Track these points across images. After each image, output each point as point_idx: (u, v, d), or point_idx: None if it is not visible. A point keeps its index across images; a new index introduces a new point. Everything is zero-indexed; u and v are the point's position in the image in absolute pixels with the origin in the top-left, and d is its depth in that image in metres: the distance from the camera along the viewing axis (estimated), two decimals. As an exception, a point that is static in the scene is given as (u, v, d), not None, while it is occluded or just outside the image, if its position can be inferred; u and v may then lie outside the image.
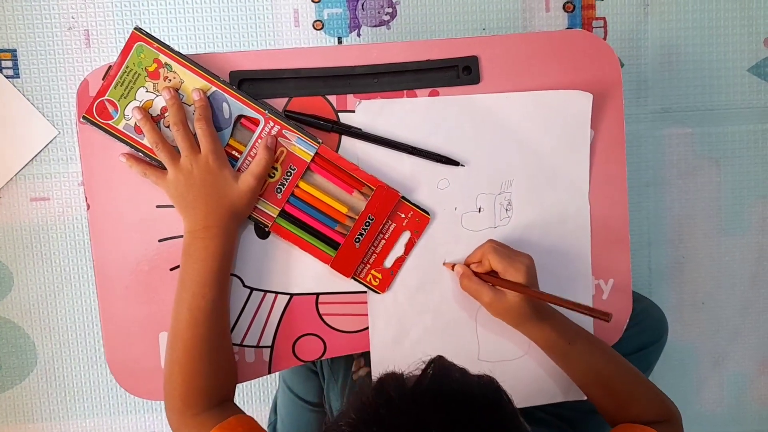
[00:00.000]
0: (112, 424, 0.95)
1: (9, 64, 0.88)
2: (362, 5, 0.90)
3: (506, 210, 0.62)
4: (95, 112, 0.57)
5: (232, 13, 0.89)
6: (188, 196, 0.56)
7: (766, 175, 0.97)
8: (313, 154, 0.58)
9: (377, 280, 0.61)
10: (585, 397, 0.61)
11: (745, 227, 0.97)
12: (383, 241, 0.61)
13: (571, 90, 0.61)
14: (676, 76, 0.94)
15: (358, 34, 0.91)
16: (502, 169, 0.62)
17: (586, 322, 0.62)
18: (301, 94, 0.60)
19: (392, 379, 0.38)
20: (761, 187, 0.97)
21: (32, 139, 0.89)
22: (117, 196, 0.60)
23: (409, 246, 0.61)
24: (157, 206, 0.60)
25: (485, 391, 0.37)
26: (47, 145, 0.89)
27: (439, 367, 0.38)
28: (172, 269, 0.61)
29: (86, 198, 0.60)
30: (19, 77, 0.88)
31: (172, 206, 0.59)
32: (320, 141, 0.58)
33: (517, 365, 0.64)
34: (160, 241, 0.61)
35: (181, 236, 0.58)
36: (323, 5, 0.90)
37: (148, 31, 0.58)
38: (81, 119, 0.57)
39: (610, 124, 0.63)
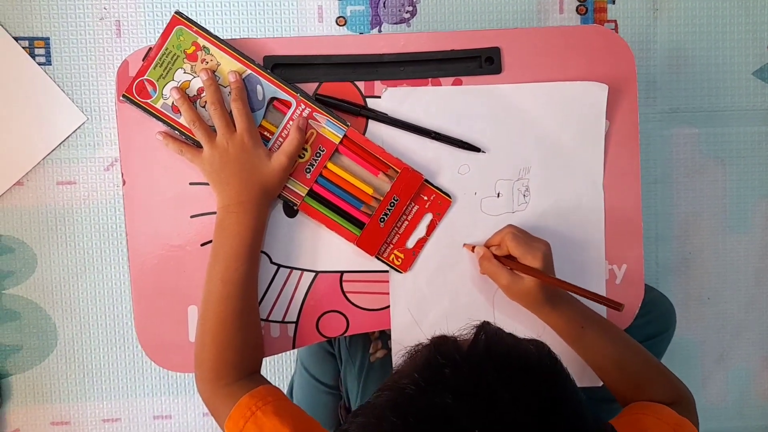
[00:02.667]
0: (129, 406, 0.97)
1: (42, 51, 0.91)
2: (384, 3, 0.93)
3: (524, 196, 0.65)
4: (135, 91, 0.60)
5: (258, 8, 0.92)
6: (223, 172, 0.58)
7: (770, 175, 1.00)
8: (341, 137, 0.61)
9: (400, 259, 0.64)
10: (600, 383, 0.62)
11: (749, 225, 1.00)
12: (406, 222, 0.63)
13: (588, 81, 0.64)
14: (684, 78, 0.97)
15: (379, 31, 0.94)
16: (521, 157, 0.64)
17: (600, 307, 0.64)
18: (331, 79, 0.63)
19: (448, 342, 0.38)
20: (765, 187, 1.00)
21: (61, 125, 0.91)
22: (152, 173, 0.62)
23: (431, 228, 0.64)
24: (191, 183, 0.63)
25: (540, 354, 0.38)
26: (75, 130, 0.92)
27: (489, 331, 0.39)
28: (202, 245, 0.63)
29: (122, 174, 0.62)
30: (51, 64, 0.91)
31: (204, 184, 0.61)
32: (348, 124, 0.61)
33: (532, 346, 0.66)
34: (192, 217, 0.63)
35: (213, 213, 0.60)
36: (346, 2, 0.94)
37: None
38: (121, 98, 0.60)
39: (624, 116, 0.66)
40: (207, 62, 0.60)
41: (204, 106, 0.60)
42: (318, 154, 0.61)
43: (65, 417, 0.96)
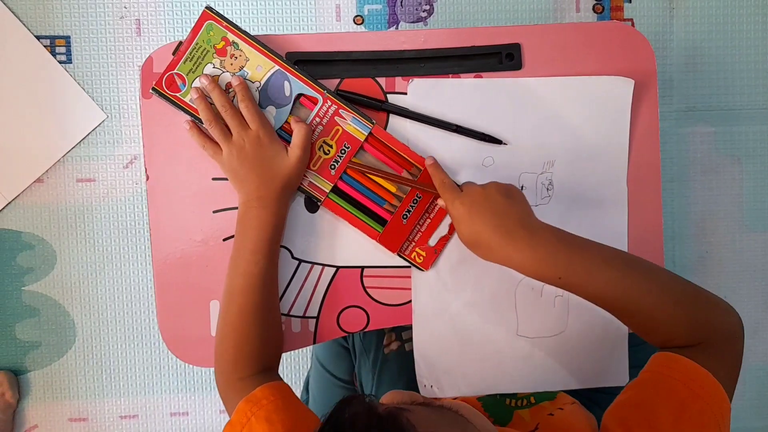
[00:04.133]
0: (147, 403, 0.97)
1: (63, 50, 0.92)
2: (401, 2, 0.94)
3: (547, 189, 0.65)
4: (164, 85, 0.60)
5: (277, 6, 0.93)
6: (241, 170, 0.59)
7: (787, 173, 1.00)
8: (367, 134, 0.61)
9: (421, 257, 0.64)
10: (625, 382, 0.61)
11: (766, 224, 1.00)
12: (428, 220, 0.63)
13: (614, 76, 0.64)
14: (700, 77, 0.98)
15: (397, 30, 0.95)
16: (545, 150, 0.64)
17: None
18: (352, 75, 0.63)
19: None
20: (782, 185, 1.00)
21: (81, 123, 0.92)
22: (175, 169, 0.63)
23: (454, 226, 0.64)
24: (213, 179, 0.63)
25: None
26: (95, 128, 0.93)
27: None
28: (225, 239, 0.63)
29: (146, 169, 0.63)
30: (71, 62, 0.92)
31: (227, 179, 0.61)
32: (374, 122, 0.61)
33: (555, 343, 0.65)
34: (214, 212, 0.63)
35: (235, 208, 0.61)
36: (364, 1, 0.94)
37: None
38: (150, 90, 0.60)
39: (644, 111, 0.66)
40: (236, 57, 0.60)
41: (233, 98, 0.60)
42: (343, 151, 0.62)
43: (83, 413, 0.97)
